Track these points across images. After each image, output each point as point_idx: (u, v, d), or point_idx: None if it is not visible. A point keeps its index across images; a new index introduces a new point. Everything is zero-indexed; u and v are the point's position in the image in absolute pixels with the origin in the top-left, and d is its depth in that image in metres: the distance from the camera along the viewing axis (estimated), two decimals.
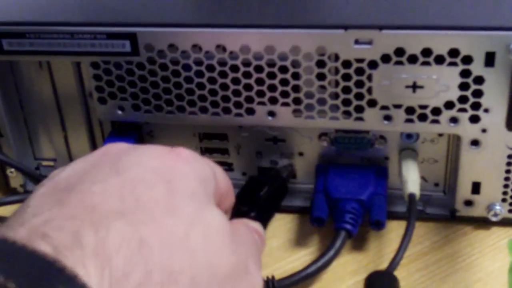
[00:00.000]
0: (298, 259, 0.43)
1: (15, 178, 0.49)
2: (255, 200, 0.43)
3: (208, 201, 0.31)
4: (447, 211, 0.45)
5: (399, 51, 0.39)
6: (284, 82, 0.41)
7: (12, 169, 0.48)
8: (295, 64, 0.41)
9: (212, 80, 0.42)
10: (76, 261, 0.24)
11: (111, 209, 0.27)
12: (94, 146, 0.48)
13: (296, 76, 0.41)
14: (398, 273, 0.40)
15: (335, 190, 0.43)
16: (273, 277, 0.39)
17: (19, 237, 0.25)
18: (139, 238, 0.26)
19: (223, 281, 0.29)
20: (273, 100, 0.42)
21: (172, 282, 0.26)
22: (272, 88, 0.42)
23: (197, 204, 0.30)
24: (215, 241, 0.29)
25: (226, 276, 0.29)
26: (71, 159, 0.49)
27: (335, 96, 0.41)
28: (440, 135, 0.43)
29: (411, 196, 0.41)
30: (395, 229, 0.45)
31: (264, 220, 0.43)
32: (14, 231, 0.25)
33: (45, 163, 0.50)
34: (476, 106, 0.40)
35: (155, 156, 0.31)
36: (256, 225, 0.36)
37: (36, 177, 0.46)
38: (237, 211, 0.39)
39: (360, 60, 0.40)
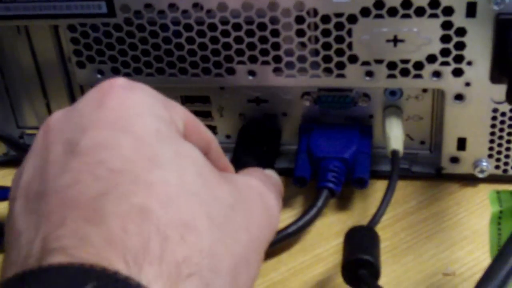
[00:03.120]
0: (282, 221, 0.42)
1: None
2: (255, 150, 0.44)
3: (175, 134, 0.28)
4: (433, 169, 0.45)
5: (379, 4, 0.38)
6: (263, 39, 0.41)
7: None
8: (274, 20, 0.40)
9: (190, 40, 0.42)
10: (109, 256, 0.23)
11: (93, 195, 0.24)
12: None
13: (275, 33, 0.40)
14: (383, 233, 0.40)
15: (318, 149, 0.42)
16: None
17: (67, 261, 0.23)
18: (139, 207, 0.24)
19: (236, 206, 0.28)
20: (253, 59, 0.42)
21: (192, 230, 0.25)
22: (251, 46, 0.41)
23: (169, 141, 0.27)
24: (208, 174, 0.28)
25: (236, 201, 0.28)
26: None
27: (316, 53, 0.41)
28: (424, 91, 0.43)
29: (394, 152, 0.41)
30: (380, 189, 0.44)
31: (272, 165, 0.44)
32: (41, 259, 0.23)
33: (28, 131, 0.50)
34: (458, 59, 0.39)
35: (93, 109, 0.28)
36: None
37: (18, 145, 0.45)
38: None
39: (339, 15, 0.39)
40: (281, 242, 0.39)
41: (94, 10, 0.41)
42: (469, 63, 0.39)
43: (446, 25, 0.38)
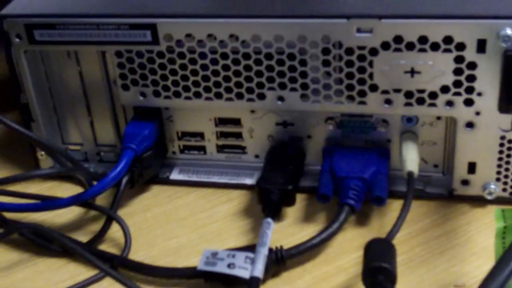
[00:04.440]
0: (307, 235, 0.46)
1: (44, 161, 0.53)
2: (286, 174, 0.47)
3: None
4: (445, 191, 0.48)
5: (398, 39, 0.42)
6: (292, 68, 0.45)
7: (42, 152, 0.52)
8: (302, 51, 0.44)
9: (226, 67, 0.46)
10: None
11: None
12: (118, 130, 0.52)
13: (303, 63, 0.44)
14: (400, 247, 0.43)
15: (340, 169, 0.46)
16: (281, 246, 0.42)
17: None
18: None
19: None
20: (282, 86, 0.46)
21: None
22: (281, 74, 0.45)
23: None
24: None
25: None
26: (96, 143, 0.53)
27: (339, 81, 0.45)
28: (438, 118, 0.46)
29: (410, 173, 0.44)
30: (397, 208, 0.47)
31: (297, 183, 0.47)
32: None
33: (72, 147, 0.53)
34: (469, 90, 0.43)
35: None
36: None
37: (66, 157, 0.49)
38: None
39: (361, 48, 0.43)
40: (306, 253, 0.43)
41: (140, 38, 0.46)
42: (479, 94, 0.43)
43: (459, 59, 0.42)
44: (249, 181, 0.50)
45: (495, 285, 0.28)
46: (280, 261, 0.42)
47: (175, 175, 0.52)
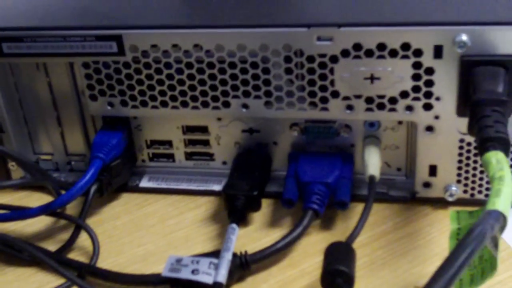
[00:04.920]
0: (272, 240, 0.46)
1: (16, 171, 0.53)
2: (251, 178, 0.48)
3: None
4: (408, 193, 0.49)
5: (357, 46, 0.43)
6: (255, 76, 0.46)
7: (13, 163, 0.53)
8: (265, 60, 0.45)
9: (191, 77, 0.47)
10: None
11: None
12: (87, 140, 0.52)
13: (266, 71, 0.45)
14: (362, 250, 0.44)
15: (305, 174, 0.47)
16: (245, 251, 0.43)
17: None
18: None
19: None
20: (246, 94, 0.47)
21: None
22: (245, 82, 0.46)
23: None
24: None
25: None
26: (67, 152, 0.53)
27: (302, 88, 0.46)
28: (400, 122, 0.47)
29: (371, 177, 0.45)
30: (360, 212, 0.48)
31: (263, 189, 0.49)
32: None
33: (43, 157, 0.54)
34: (428, 95, 0.44)
35: None
36: None
37: (36, 168, 0.50)
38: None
39: (322, 55, 0.44)
40: (270, 257, 0.44)
41: (106, 50, 0.46)
42: (438, 99, 0.44)
43: (416, 65, 0.43)
44: (217, 187, 0.51)
45: (444, 281, 0.29)
46: (244, 266, 0.43)
47: (144, 183, 0.52)
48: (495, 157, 0.36)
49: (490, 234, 0.32)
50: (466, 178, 0.47)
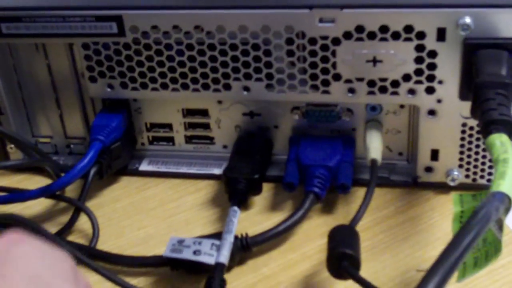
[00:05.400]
0: (273, 223, 0.46)
1: (14, 154, 0.53)
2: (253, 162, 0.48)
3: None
4: (410, 178, 0.49)
5: (359, 29, 0.43)
6: (257, 59, 0.45)
7: (12, 145, 0.52)
8: (266, 42, 0.45)
9: (191, 58, 0.46)
10: None
11: None
12: (87, 123, 0.52)
13: (267, 53, 0.45)
14: (364, 234, 0.44)
15: (306, 158, 0.47)
16: (246, 234, 0.43)
17: None
18: None
19: None
20: (248, 76, 0.46)
21: None
22: (246, 64, 0.46)
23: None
24: None
25: None
26: (66, 135, 0.53)
27: (303, 71, 0.45)
28: (402, 106, 0.47)
29: (373, 161, 0.45)
30: (362, 196, 0.47)
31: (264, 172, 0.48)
32: None
33: (42, 140, 0.54)
34: (431, 78, 0.44)
35: None
36: None
37: (35, 149, 0.49)
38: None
39: (324, 37, 0.44)
40: (271, 240, 0.44)
41: (106, 30, 0.46)
42: (440, 82, 0.44)
43: (419, 48, 0.43)
44: (217, 171, 0.51)
45: (448, 264, 0.29)
46: (246, 248, 0.42)
47: (144, 166, 0.52)
48: (499, 139, 0.36)
49: (495, 216, 0.31)
50: (468, 163, 0.47)
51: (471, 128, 0.45)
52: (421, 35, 0.42)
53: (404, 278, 0.42)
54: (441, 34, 0.42)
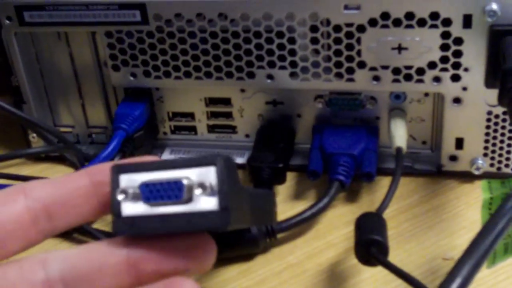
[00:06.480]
0: (298, 212, 0.46)
1: (36, 143, 0.53)
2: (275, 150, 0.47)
3: None
4: (434, 167, 0.48)
5: (385, 15, 0.43)
6: (281, 46, 0.45)
7: (34, 134, 0.52)
8: (291, 29, 0.44)
9: (215, 46, 0.46)
10: None
11: None
12: (109, 112, 0.52)
13: (291, 40, 0.45)
14: (389, 222, 0.43)
15: (330, 146, 0.46)
16: None
17: None
18: None
19: None
20: (272, 64, 0.46)
21: None
22: (270, 52, 0.46)
23: None
24: None
25: None
26: (88, 125, 0.53)
27: (328, 58, 0.45)
28: (426, 94, 0.47)
29: (398, 149, 0.45)
30: (386, 185, 0.47)
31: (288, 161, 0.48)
32: None
33: (64, 129, 0.54)
34: (456, 65, 0.43)
35: None
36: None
37: (60, 136, 0.49)
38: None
39: (349, 25, 0.43)
40: (296, 226, 0.43)
41: (129, 18, 0.46)
42: (466, 70, 0.43)
43: (445, 35, 0.43)
44: (240, 160, 0.51)
45: (479, 251, 0.29)
46: (271, 235, 0.42)
47: (166, 156, 0.52)
48: None
49: None
50: (493, 151, 0.46)
51: (497, 116, 0.45)
52: (447, 22, 0.42)
53: (431, 266, 0.42)
54: (467, 21, 0.42)
